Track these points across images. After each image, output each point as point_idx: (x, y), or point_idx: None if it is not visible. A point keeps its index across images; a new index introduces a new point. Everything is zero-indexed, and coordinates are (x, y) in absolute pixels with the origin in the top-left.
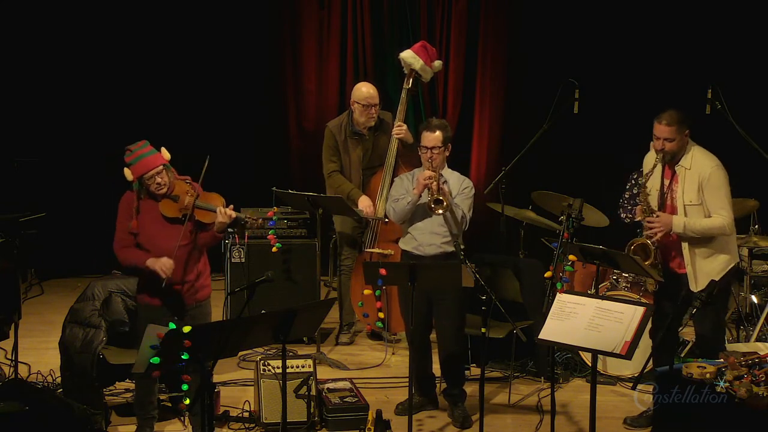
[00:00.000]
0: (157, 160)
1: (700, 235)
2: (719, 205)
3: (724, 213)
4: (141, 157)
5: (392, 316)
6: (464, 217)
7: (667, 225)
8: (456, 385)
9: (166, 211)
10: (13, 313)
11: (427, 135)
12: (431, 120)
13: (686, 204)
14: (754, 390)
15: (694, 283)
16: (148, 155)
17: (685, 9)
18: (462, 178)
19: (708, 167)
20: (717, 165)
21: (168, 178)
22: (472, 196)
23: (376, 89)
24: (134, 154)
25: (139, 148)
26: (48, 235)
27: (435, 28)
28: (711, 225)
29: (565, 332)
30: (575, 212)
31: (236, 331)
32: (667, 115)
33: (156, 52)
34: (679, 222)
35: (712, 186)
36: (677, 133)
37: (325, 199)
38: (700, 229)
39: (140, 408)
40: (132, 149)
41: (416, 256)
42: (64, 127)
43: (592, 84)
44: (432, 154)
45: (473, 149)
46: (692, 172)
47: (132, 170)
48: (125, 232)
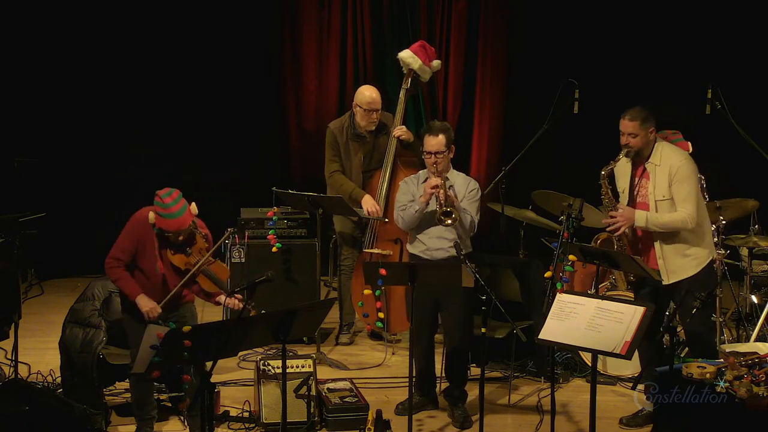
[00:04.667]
0: (186, 221)
1: (663, 229)
2: (682, 198)
3: (686, 206)
4: (172, 216)
5: (392, 316)
6: (473, 221)
7: (630, 219)
8: (458, 386)
9: (174, 259)
10: (13, 313)
11: (429, 139)
12: (433, 123)
13: (657, 200)
14: (754, 390)
15: (666, 277)
16: (178, 215)
17: (685, 9)
18: (468, 179)
19: (677, 160)
20: (686, 158)
21: (187, 235)
22: (480, 198)
23: (378, 93)
24: (167, 209)
25: (173, 202)
26: (48, 235)
27: (435, 28)
28: (672, 219)
29: (565, 332)
30: (575, 212)
31: (236, 331)
32: (632, 110)
33: (156, 53)
34: (641, 216)
35: (679, 179)
36: (641, 129)
37: (325, 199)
38: (662, 223)
39: (139, 408)
40: (165, 201)
41: (425, 260)
42: (65, 128)
43: (592, 84)
44: (436, 158)
45: (473, 149)
46: (662, 168)
47: (158, 220)
48: (126, 253)
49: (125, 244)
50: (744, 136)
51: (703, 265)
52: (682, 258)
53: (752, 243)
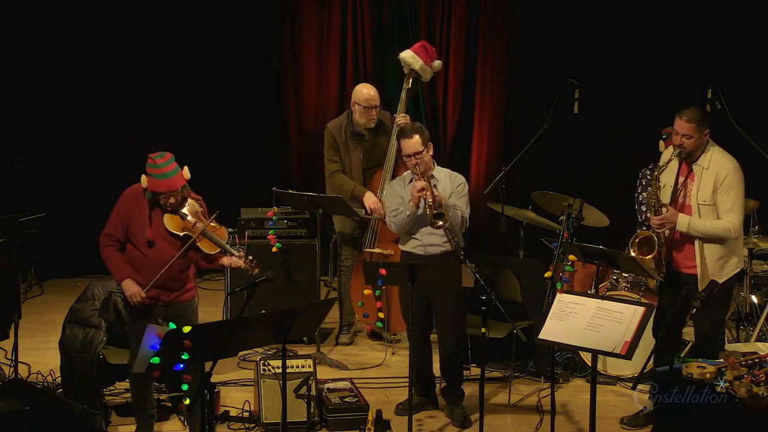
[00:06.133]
0: (177, 182)
1: (704, 235)
2: (728, 208)
3: (732, 216)
4: (164, 176)
5: (392, 316)
6: (463, 217)
7: (672, 221)
8: (455, 385)
9: (169, 224)
10: (13, 313)
11: (405, 143)
12: (404, 127)
13: (700, 203)
14: (754, 390)
15: (702, 284)
16: (171, 175)
17: (685, 9)
18: (453, 174)
19: (726, 168)
20: (735, 167)
21: (180, 197)
22: (467, 192)
23: (376, 91)
24: (158, 169)
25: (165, 163)
26: (48, 235)
27: (435, 28)
28: (715, 227)
29: (565, 332)
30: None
31: (236, 331)
32: (689, 111)
33: (156, 53)
34: (684, 220)
35: (725, 187)
36: (696, 131)
37: (325, 199)
38: (704, 229)
39: (138, 408)
40: (157, 162)
41: (418, 256)
42: (65, 128)
43: (592, 84)
44: (416, 159)
45: (473, 149)
46: (710, 172)
47: (150, 182)
48: (118, 228)
49: (114, 219)
50: (744, 136)
51: (732, 274)
52: (718, 266)
53: (752, 243)
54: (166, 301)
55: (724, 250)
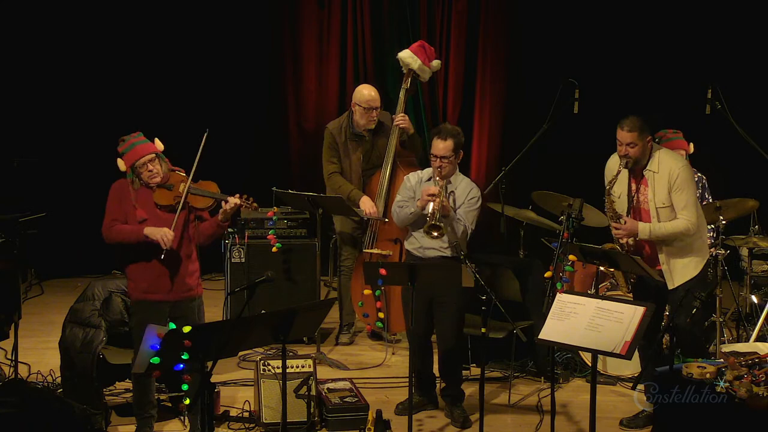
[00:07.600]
0: (149, 147)
1: (666, 238)
2: (682, 206)
3: (686, 214)
4: (133, 146)
5: (392, 316)
6: (465, 231)
7: (633, 231)
8: (454, 385)
9: (160, 199)
10: (13, 313)
11: (437, 142)
12: (444, 126)
13: (658, 206)
14: (754, 390)
15: (670, 281)
16: (140, 143)
17: (685, 9)
18: (471, 185)
19: (676, 168)
20: (684, 165)
21: (161, 168)
22: (478, 207)
23: (377, 92)
24: (127, 143)
25: (132, 137)
26: (48, 235)
27: (435, 28)
28: (674, 228)
29: (565, 332)
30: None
31: (236, 331)
32: (629, 121)
33: (156, 53)
34: (645, 228)
35: (678, 186)
36: (639, 139)
37: (325, 199)
38: (665, 232)
39: (139, 408)
40: (125, 138)
41: (417, 257)
42: (64, 127)
43: (592, 84)
44: (442, 163)
45: (473, 149)
46: (661, 175)
47: (125, 159)
48: (117, 214)
49: (111, 207)
50: (744, 136)
51: (701, 265)
52: (684, 261)
53: (752, 243)
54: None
55: (687, 248)
